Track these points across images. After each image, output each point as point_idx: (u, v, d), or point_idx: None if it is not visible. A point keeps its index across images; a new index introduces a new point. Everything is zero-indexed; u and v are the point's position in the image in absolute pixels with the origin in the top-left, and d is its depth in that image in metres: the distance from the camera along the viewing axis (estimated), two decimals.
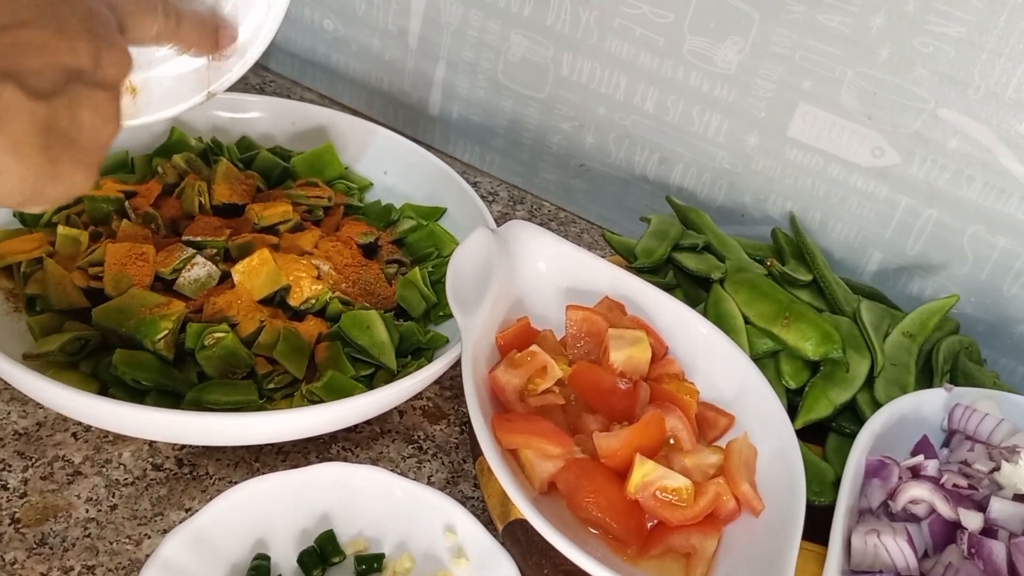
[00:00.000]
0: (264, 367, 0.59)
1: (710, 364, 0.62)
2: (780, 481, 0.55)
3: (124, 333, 0.58)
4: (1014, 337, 0.77)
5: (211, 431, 0.53)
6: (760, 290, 0.68)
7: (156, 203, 0.68)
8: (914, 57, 0.72)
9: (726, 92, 0.80)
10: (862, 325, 0.68)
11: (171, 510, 0.55)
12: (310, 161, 0.77)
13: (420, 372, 0.57)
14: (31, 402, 0.59)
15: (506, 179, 0.96)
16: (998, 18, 0.68)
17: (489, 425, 0.53)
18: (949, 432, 0.62)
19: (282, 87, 1.01)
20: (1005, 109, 0.70)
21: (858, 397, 0.64)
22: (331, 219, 0.72)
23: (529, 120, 0.92)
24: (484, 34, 0.90)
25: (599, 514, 0.52)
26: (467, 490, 0.61)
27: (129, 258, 0.61)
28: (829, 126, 0.77)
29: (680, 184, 0.87)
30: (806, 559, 0.54)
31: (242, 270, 0.62)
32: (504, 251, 0.62)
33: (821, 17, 0.74)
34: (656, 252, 0.71)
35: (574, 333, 0.62)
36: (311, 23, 1.00)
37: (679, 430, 0.56)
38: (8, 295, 0.62)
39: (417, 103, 0.98)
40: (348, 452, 0.62)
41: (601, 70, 0.85)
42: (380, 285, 0.67)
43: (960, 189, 0.74)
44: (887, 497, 0.56)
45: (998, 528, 0.52)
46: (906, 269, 0.80)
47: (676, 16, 0.80)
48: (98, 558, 0.52)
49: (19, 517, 0.53)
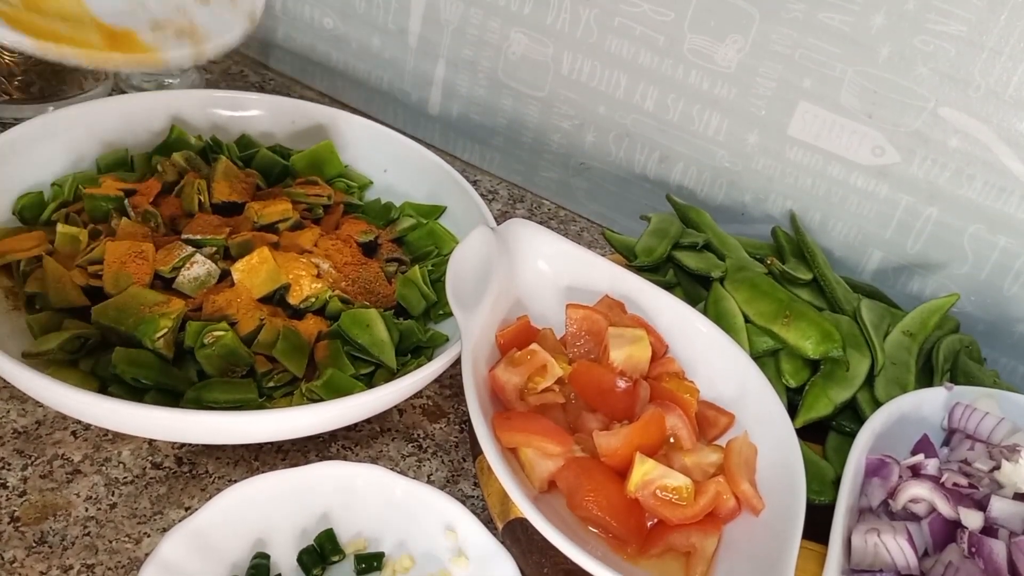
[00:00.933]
0: (264, 365, 0.59)
1: (710, 363, 0.62)
2: (780, 480, 0.55)
3: (123, 331, 0.58)
4: (1014, 336, 0.77)
5: (211, 430, 0.53)
6: (760, 289, 0.68)
7: (156, 201, 0.68)
8: (914, 56, 0.72)
9: (726, 91, 0.80)
10: (862, 324, 0.68)
11: (170, 509, 0.55)
12: (310, 159, 0.77)
13: (420, 371, 0.57)
14: (30, 400, 0.59)
15: (506, 177, 0.96)
16: (998, 17, 0.68)
17: (489, 424, 0.53)
18: (949, 431, 0.62)
19: (282, 85, 1.01)
20: (1006, 108, 0.70)
21: (858, 396, 0.64)
22: (331, 217, 0.72)
23: (529, 119, 0.92)
24: (484, 32, 0.90)
25: (599, 513, 0.52)
26: (467, 489, 0.61)
27: (128, 256, 0.61)
28: (829, 125, 0.77)
29: (680, 183, 0.87)
30: (806, 558, 0.54)
31: (242, 268, 0.62)
32: (504, 250, 0.62)
33: (821, 16, 0.74)
34: (656, 251, 0.71)
35: (574, 332, 0.62)
36: (311, 21, 1.00)
37: (679, 429, 0.56)
38: (7, 293, 0.62)
39: (417, 101, 0.98)
40: (348, 451, 0.62)
41: (601, 69, 0.85)
42: (380, 283, 0.67)
43: (960, 188, 0.74)
44: (887, 496, 0.56)
45: (998, 527, 0.52)
46: (906, 268, 0.80)
47: (676, 14, 0.80)
48: (97, 557, 0.52)
49: (18, 515, 0.53)
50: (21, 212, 0.66)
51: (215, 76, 0.98)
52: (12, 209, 0.66)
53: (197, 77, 0.94)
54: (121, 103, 0.74)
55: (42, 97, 0.81)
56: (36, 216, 0.66)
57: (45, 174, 0.69)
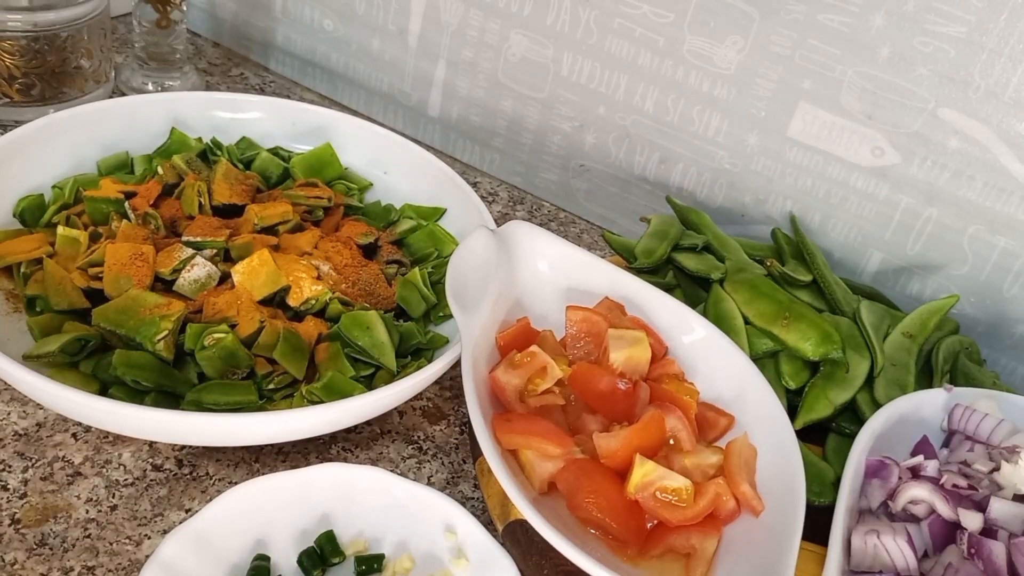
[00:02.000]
0: (264, 367, 0.59)
1: (710, 364, 0.62)
2: (780, 481, 0.55)
3: (124, 334, 0.58)
4: (1014, 337, 0.77)
5: (211, 432, 0.53)
6: (760, 290, 0.68)
7: (156, 203, 0.68)
8: (914, 57, 0.72)
9: (726, 92, 0.80)
10: (862, 325, 0.68)
11: (171, 511, 0.55)
12: (310, 161, 0.77)
13: (420, 372, 0.57)
14: (31, 403, 0.59)
15: (506, 179, 0.96)
16: (998, 18, 0.68)
17: (489, 425, 0.53)
18: (949, 432, 0.62)
19: (282, 87, 1.01)
20: (1005, 109, 0.70)
21: (858, 397, 0.64)
22: (331, 219, 0.72)
23: (529, 120, 0.92)
24: (484, 34, 0.90)
25: (599, 514, 0.52)
26: (467, 490, 0.61)
27: (129, 259, 0.61)
28: (829, 126, 0.77)
29: (680, 184, 0.87)
30: (806, 559, 0.54)
31: (242, 271, 0.62)
32: (504, 251, 0.62)
33: (821, 17, 0.74)
34: (656, 252, 0.71)
35: (574, 333, 0.62)
36: (311, 23, 1.00)
37: (679, 430, 0.56)
38: (8, 296, 0.62)
39: (417, 103, 0.98)
40: (348, 453, 0.62)
41: (601, 70, 0.85)
42: (380, 285, 0.67)
43: (960, 189, 0.74)
44: (887, 497, 0.56)
45: (998, 528, 0.52)
46: (906, 269, 0.80)
47: (676, 16, 0.80)
48: (98, 559, 0.52)
49: (19, 518, 0.53)
50: (22, 214, 0.66)
51: (215, 78, 0.99)
52: (13, 211, 0.66)
53: (197, 79, 0.94)
54: (121, 105, 0.74)
55: (43, 99, 0.82)
56: (37, 218, 0.67)
57: (46, 176, 0.69)
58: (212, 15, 1.06)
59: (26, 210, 0.66)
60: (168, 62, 0.91)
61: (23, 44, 0.76)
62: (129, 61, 0.93)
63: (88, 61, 0.82)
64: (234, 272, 0.62)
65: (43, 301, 0.60)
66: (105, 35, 0.84)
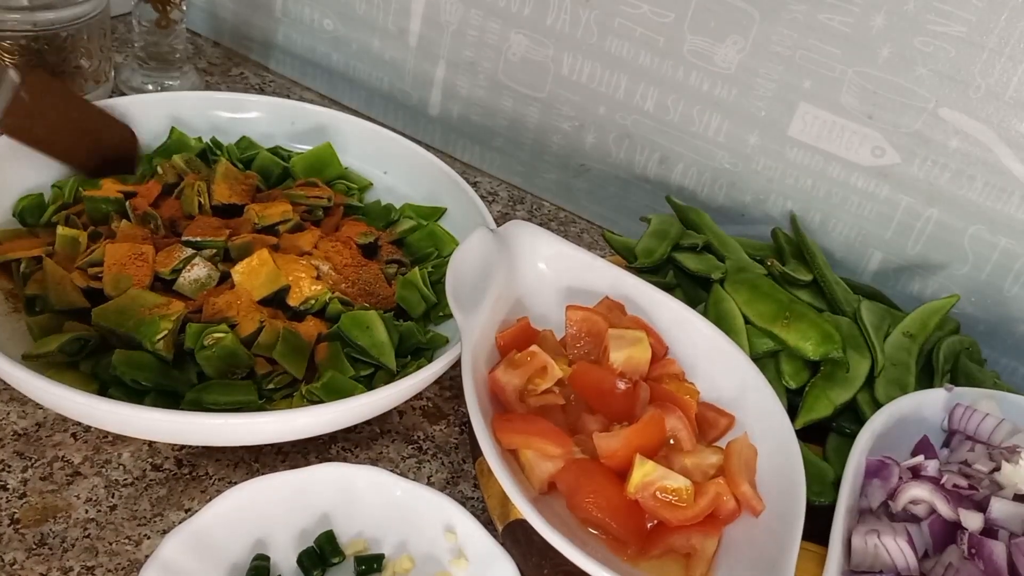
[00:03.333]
0: (264, 367, 0.59)
1: (710, 364, 0.62)
2: (780, 481, 0.55)
3: (123, 333, 0.58)
4: (1014, 337, 0.77)
5: (210, 431, 0.53)
6: (760, 290, 0.68)
7: (155, 203, 0.68)
8: (915, 57, 0.72)
9: (726, 92, 0.80)
10: (862, 325, 0.68)
11: (170, 510, 0.55)
12: (310, 161, 0.77)
13: (420, 372, 0.57)
14: (30, 402, 0.59)
15: (506, 179, 0.96)
16: (999, 17, 0.68)
17: (489, 425, 0.53)
18: (949, 432, 0.62)
19: (282, 87, 1.01)
20: (1006, 108, 0.70)
21: (858, 397, 0.64)
22: (331, 219, 0.72)
23: (529, 120, 0.92)
24: (484, 34, 0.90)
25: (599, 514, 0.52)
26: (467, 490, 0.61)
27: (128, 258, 0.61)
28: (829, 126, 0.77)
29: (680, 184, 0.87)
30: (806, 559, 0.54)
31: (242, 270, 0.62)
32: (504, 251, 0.62)
33: (821, 17, 0.74)
34: (656, 252, 0.71)
35: (574, 333, 0.62)
36: (311, 23, 1.00)
37: (679, 430, 0.56)
38: (8, 295, 0.62)
39: (417, 103, 0.98)
40: (348, 452, 0.62)
41: (601, 70, 0.85)
42: (380, 285, 0.67)
43: (961, 189, 0.74)
44: (887, 497, 0.56)
45: (998, 528, 0.52)
46: (906, 269, 0.80)
47: (676, 16, 0.80)
48: (97, 559, 0.52)
49: (18, 517, 0.53)
50: (21, 214, 0.66)
51: (215, 78, 0.99)
52: (12, 211, 0.66)
53: (197, 79, 0.94)
54: (121, 105, 0.74)
55: None
56: (36, 218, 0.67)
57: (45, 176, 0.69)
58: (212, 15, 1.06)
59: (26, 210, 0.66)
60: (168, 62, 0.91)
61: (23, 44, 0.76)
62: (129, 61, 0.93)
63: (88, 61, 0.82)
64: (234, 272, 0.62)
65: (43, 301, 0.60)
66: (105, 35, 0.83)
